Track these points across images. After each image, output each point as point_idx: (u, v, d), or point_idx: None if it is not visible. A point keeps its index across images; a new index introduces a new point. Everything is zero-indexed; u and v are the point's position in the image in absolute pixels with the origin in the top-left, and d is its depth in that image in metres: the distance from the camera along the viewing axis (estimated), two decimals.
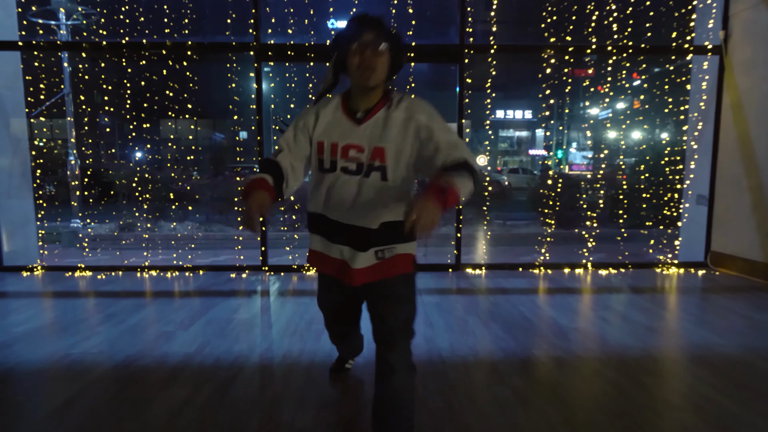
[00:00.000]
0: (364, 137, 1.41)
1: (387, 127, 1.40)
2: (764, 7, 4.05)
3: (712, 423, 1.85)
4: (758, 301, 3.56)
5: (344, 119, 1.44)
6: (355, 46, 1.34)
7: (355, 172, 1.42)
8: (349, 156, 1.41)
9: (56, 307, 3.45)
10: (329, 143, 1.43)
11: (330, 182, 1.45)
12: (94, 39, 4.36)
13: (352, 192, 1.43)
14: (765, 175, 4.08)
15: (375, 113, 1.41)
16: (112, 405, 2.00)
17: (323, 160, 1.45)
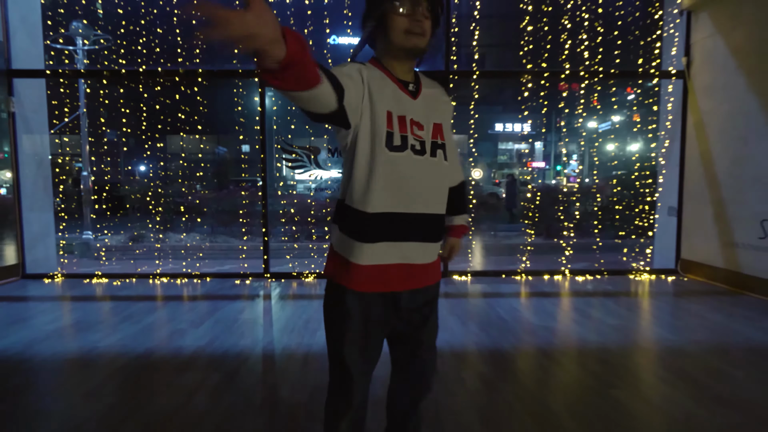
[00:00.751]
0: (421, 112, 1.19)
1: (439, 103, 1.25)
2: (720, 37, 4.48)
3: (647, 400, 2.20)
4: (715, 303, 3.91)
5: (397, 89, 1.17)
6: (405, 7, 1.12)
7: (421, 151, 1.17)
8: (414, 133, 1.17)
9: (78, 309, 3.82)
10: (396, 116, 1.14)
11: (399, 164, 1.13)
12: (113, 67, 4.80)
13: (422, 175, 1.17)
14: (725, 189, 4.46)
15: (422, 88, 1.23)
16: (136, 387, 2.36)
17: (393, 136, 1.13)
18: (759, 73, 4.06)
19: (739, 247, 4.29)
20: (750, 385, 2.36)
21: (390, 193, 1.13)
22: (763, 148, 4.01)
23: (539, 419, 2.01)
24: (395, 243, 1.16)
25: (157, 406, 2.14)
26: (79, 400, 2.21)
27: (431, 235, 1.22)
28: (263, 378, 2.46)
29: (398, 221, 1.15)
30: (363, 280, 1.16)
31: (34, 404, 2.18)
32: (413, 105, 1.18)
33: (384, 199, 1.13)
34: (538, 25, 4.85)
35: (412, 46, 1.15)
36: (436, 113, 1.22)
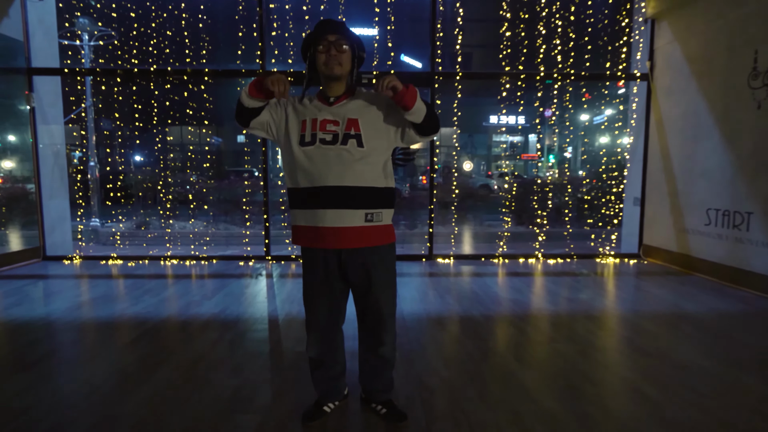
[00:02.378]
0: (337, 112, 1.68)
1: (358, 105, 1.70)
2: (677, 44, 4.97)
3: (582, 352, 2.73)
4: (664, 282, 4.45)
5: (319, 103, 1.72)
6: (322, 45, 1.65)
7: (332, 141, 1.64)
8: (326, 129, 1.65)
9: (101, 285, 4.29)
10: (310, 119, 1.67)
11: (310, 154, 1.65)
12: (126, 66, 5.21)
13: (333, 158, 1.63)
14: (679, 181, 4.99)
15: (344, 99, 1.72)
16: (166, 342, 2.85)
17: (305, 135, 1.66)
18: (707, 78, 4.56)
19: (689, 233, 4.83)
20: (668, 340, 2.90)
21: (303, 174, 1.67)
22: (708, 146, 4.53)
23: (493, 365, 2.53)
24: (310, 210, 1.69)
25: (186, 353, 2.64)
26: (121, 350, 2.70)
27: (346, 203, 1.65)
28: (270, 335, 2.97)
29: (309, 194, 1.67)
30: (296, 236, 1.77)
31: (83, 354, 2.67)
32: (329, 110, 1.69)
33: (299, 178, 1.68)
34: (516, 30, 5.30)
35: (330, 72, 1.68)
36: (353, 113, 1.68)
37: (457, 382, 2.29)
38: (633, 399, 2.14)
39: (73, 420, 1.95)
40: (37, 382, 2.29)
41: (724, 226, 4.35)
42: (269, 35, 5.09)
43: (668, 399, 2.14)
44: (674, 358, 2.61)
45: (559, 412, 2.01)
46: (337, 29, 1.66)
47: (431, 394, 2.17)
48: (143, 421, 1.94)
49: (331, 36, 1.65)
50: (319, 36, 1.66)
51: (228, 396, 2.15)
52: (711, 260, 4.51)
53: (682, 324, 3.21)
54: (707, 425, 1.91)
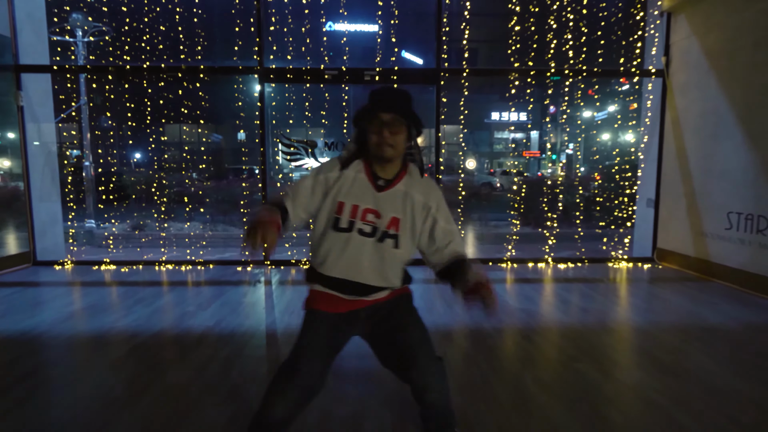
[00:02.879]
0: (383, 205, 1.51)
1: (406, 203, 1.53)
2: (695, 39, 4.74)
3: (605, 372, 2.52)
4: (682, 289, 4.24)
5: (366, 183, 1.52)
6: (374, 125, 1.46)
7: (370, 234, 1.50)
8: (366, 219, 1.50)
9: (92, 293, 4.09)
10: (350, 205, 1.50)
11: (343, 241, 1.50)
12: (118, 63, 4.99)
13: (365, 253, 1.50)
14: (697, 182, 4.77)
15: (395, 184, 1.53)
16: (155, 360, 2.65)
17: (340, 220, 1.50)
18: (728, 74, 4.33)
19: (708, 237, 4.61)
20: (695, 357, 2.69)
21: (330, 259, 1.52)
22: (729, 146, 4.30)
23: (510, 388, 2.33)
24: (332, 292, 1.56)
25: (178, 374, 2.44)
26: (106, 371, 2.50)
27: (368, 292, 1.55)
28: (268, 352, 2.76)
29: (333, 281, 1.54)
30: (313, 300, 1.58)
31: (66, 375, 2.47)
32: (375, 197, 1.52)
33: (325, 263, 1.53)
34: (525, 25, 5.07)
35: (381, 155, 1.48)
36: (400, 210, 1.53)
37: (471, 412, 2.09)
38: (668, 431, 1.94)
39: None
40: (13, 408, 2.09)
41: (747, 230, 4.13)
42: (267, 30, 4.87)
43: (706, 431, 1.93)
44: (705, 379, 2.40)
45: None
46: (393, 106, 1.47)
47: None
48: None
49: (385, 115, 1.46)
50: (373, 113, 1.48)
51: (223, 424, 1.95)
52: (732, 266, 4.30)
53: (706, 337, 3.01)
54: None
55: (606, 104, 19.45)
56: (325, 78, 4.97)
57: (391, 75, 5.02)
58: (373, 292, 1.55)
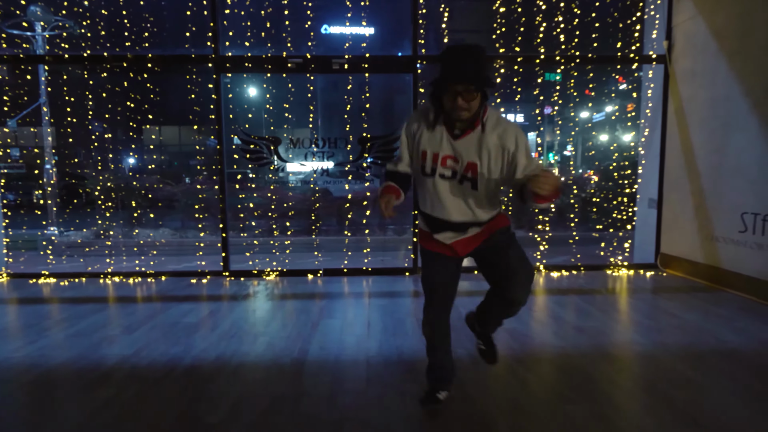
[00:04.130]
0: (460, 151, 1.72)
1: (481, 147, 1.70)
2: (701, 19, 4.23)
3: (604, 417, 1.98)
4: (692, 301, 3.70)
5: (444, 133, 1.74)
6: (450, 93, 1.61)
7: (450, 177, 1.77)
8: (447, 165, 1.75)
9: (11, 312, 3.55)
10: (431, 153, 1.76)
11: (430, 184, 1.80)
12: (57, 52, 4.47)
13: (448, 193, 1.78)
14: (705, 179, 4.24)
15: (469, 133, 1.71)
16: (41, 404, 2.10)
17: (425, 166, 1.78)
18: (741, 56, 3.81)
19: (718, 242, 4.08)
20: (712, 394, 2.15)
21: (425, 200, 1.87)
22: (743, 138, 3.78)
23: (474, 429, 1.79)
24: (429, 227, 1.89)
25: (56, 426, 1.89)
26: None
27: (456, 230, 1.84)
28: (183, 391, 2.21)
29: (428, 218, 1.88)
30: (420, 237, 1.96)
31: None
32: (452, 145, 1.73)
33: (423, 202, 1.89)
34: (512, 7, 4.56)
35: (458, 118, 1.67)
36: (476, 155, 1.71)
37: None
38: None
39: None
40: None
41: (765, 233, 3.60)
42: (222, 14, 4.35)
43: None
44: (731, 427, 1.86)
45: None
46: (467, 76, 1.59)
47: None
48: None
49: (461, 86, 1.59)
50: (449, 83, 1.60)
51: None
52: (747, 274, 3.76)
53: (725, 364, 2.47)
54: None
55: (603, 105, 18.96)
56: (288, 67, 4.45)
57: (363, 63, 4.49)
58: (464, 228, 1.83)
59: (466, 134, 1.71)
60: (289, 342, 2.84)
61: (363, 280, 4.48)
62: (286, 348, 2.74)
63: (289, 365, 2.50)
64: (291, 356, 2.61)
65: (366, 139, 4.65)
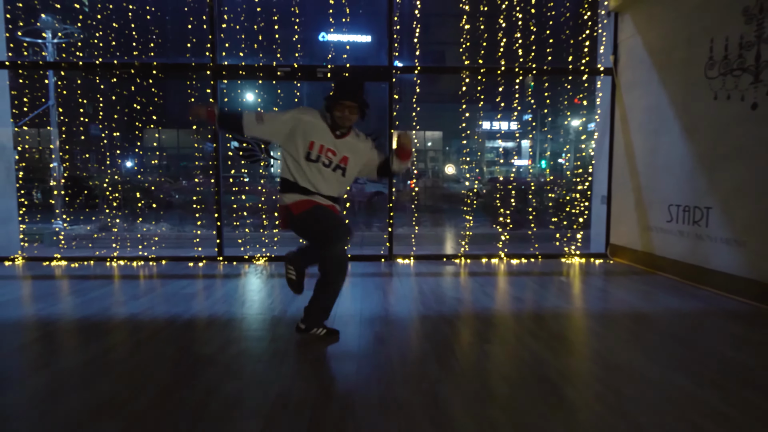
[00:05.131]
0: (339, 147, 2.50)
1: (356, 149, 2.56)
2: (639, 37, 4.84)
3: (512, 353, 2.52)
4: (624, 281, 4.27)
5: (329, 133, 2.48)
6: (338, 106, 2.42)
7: (328, 165, 2.48)
8: (328, 156, 2.48)
9: (32, 285, 4.07)
10: (319, 144, 2.46)
11: (314, 167, 2.46)
12: (72, 59, 5.02)
13: (325, 176, 2.49)
14: (643, 177, 4.82)
15: (347, 136, 2.53)
16: (64, 344, 2.63)
17: (311, 154, 2.45)
18: (667, 70, 4.42)
19: (652, 231, 4.65)
20: (605, 340, 2.70)
21: (306, 178, 2.47)
22: (669, 140, 4.37)
23: (416, 366, 2.33)
24: (307, 195, 2.50)
25: (80, 355, 2.42)
26: (12, 351, 2.48)
27: (330, 200, 2.55)
28: (182, 335, 2.74)
29: (311, 191, 2.49)
30: (301, 204, 2.49)
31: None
32: (334, 142, 2.48)
33: (305, 179, 2.48)
34: (476, 24, 5.16)
35: (342, 125, 2.47)
36: (348, 152, 2.52)
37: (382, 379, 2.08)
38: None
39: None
40: None
41: (685, 222, 4.18)
42: (220, 28, 4.92)
43: (583, 398, 1.94)
44: (606, 357, 2.41)
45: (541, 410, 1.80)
46: (354, 97, 2.41)
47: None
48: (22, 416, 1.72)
49: (349, 103, 2.41)
50: (339, 100, 2.41)
51: (104, 401, 1.93)
52: (673, 258, 4.34)
53: (626, 322, 3.03)
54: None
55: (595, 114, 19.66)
56: (278, 75, 5.02)
57: (343, 72, 5.07)
58: (333, 201, 2.57)
59: (344, 137, 2.50)
60: (272, 306, 3.38)
61: None
62: (268, 309, 3.29)
63: (269, 319, 3.04)
64: (272, 314, 3.16)
65: None
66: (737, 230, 3.64)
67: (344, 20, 5.15)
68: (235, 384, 2.08)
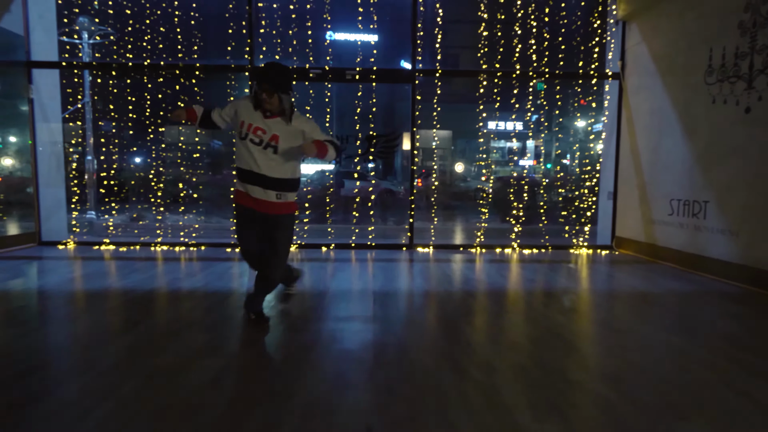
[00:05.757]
0: (269, 126, 2.54)
1: (286, 128, 2.54)
2: (645, 44, 5.23)
3: (532, 319, 2.95)
4: (628, 268, 4.68)
5: (258, 113, 2.55)
6: (260, 90, 2.49)
7: (258, 143, 2.54)
8: (257, 134, 2.54)
9: (93, 265, 4.52)
10: (247, 123, 2.54)
11: (244, 146, 2.56)
12: (121, 60, 5.48)
13: (255, 154, 2.54)
14: (647, 174, 5.22)
15: (275, 118, 2.55)
16: (148, 307, 3.08)
17: (242, 132, 2.55)
18: (670, 76, 4.81)
19: (655, 223, 5.05)
20: (606, 311, 3.12)
21: (242, 159, 2.59)
22: (671, 140, 4.77)
23: (440, 327, 2.76)
24: (246, 184, 2.59)
25: (166, 315, 2.87)
26: (107, 311, 2.93)
27: (266, 185, 2.57)
28: (238, 303, 3.19)
29: (243, 172, 2.60)
30: (235, 195, 2.67)
31: (72, 315, 2.90)
32: (263, 122, 2.54)
33: (239, 160, 2.61)
34: (493, 31, 5.57)
35: (264, 107, 2.53)
36: (278, 131, 2.53)
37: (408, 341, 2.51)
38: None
39: (54, 359, 2.18)
40: (30, 332, 2.51)
41: (685, 215, 4.58)
42: (258, 32, 5.36)
43: (602, 353, 2.36)
44: (609, 321, 2.83)
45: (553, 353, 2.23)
46: (271, 82, 2.46)
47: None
48: (121, 362, 2.16)
49: (265, 85, 2.46)
50: (259, 81, 2.48)
51: (199, 345, 2.37)
52: (674, 248, 4.74)
53: (625, 297, 3.44)
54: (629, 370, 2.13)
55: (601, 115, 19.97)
56: (310, 76, 5.45)
57: (370, 75, 5.50)
58: (270, 185, 2.56)
59: (274, 117, 2.54)
60: (311, 283, 3.82)
61: (367, 252, 5.46)
62: (308, 285, 3.73)
63: (308, 292, 3.48)
64: (307, 288, 3.59)
65: (372, 137, 5.66)
66: (731, 221, 4.04)
67: (372, 26, 5.55)
68: (300, 336, 2.53)
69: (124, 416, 1.68)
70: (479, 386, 1.94)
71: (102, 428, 1.60)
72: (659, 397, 1.86)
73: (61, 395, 1.82)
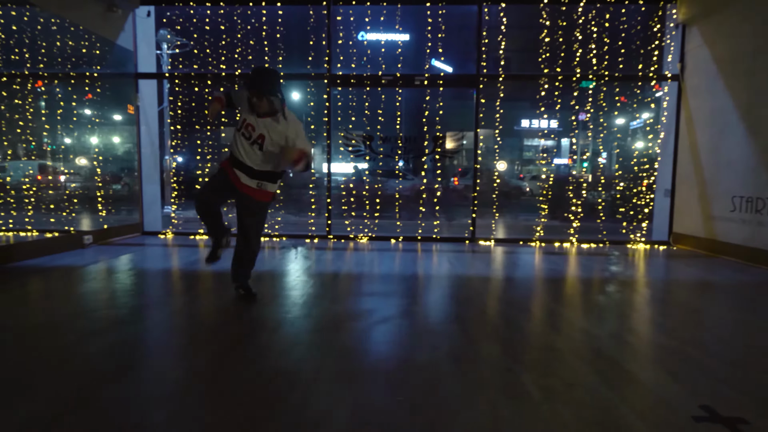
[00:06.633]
0: (258, 125, 2.88)
1: (273, 128, 2.86)
2: (706, 47, 5.43)
3: (597, 292, 3.32)
4: (689, 261, 4.93)
5: (252, 113, 2.91)
6: (251, 94, 2.84)
7: (248, 138, 2.91)
8: (248, 129, 2.91)
9: (198, 252, 5.18)
10: (242, 119, 2.93)
11: (237, 136, 2.94)
12: (201, 70, 6.15)
13: (244, 147, 2.91)
14: (707, 173, 5.42)
15: (267, 117, 2.88)
16: (220, 281, 3.65)
17: (238, 123, 2.95)
18: (733, 78, 5.01)
19: (715, 220, 5.26)
20: (685, 296, 3.44)
21: (234, 146, 2.97)
22: (733, 139, 4.97)
23: (523, 300, 3.17)
24: (234, 168, 2.96)
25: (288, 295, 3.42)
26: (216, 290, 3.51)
27: (251, 174, 2.94)
28: (335, 284, 3.70)
29: (235, 160, 2.96)
30: (225, 163, 3.03)
31: (195, 298, 3.49)
32: (255, 120, 2.89)
33: (233, 147, 2.98)
34: (554, 36, 5.90)
35: (255, 110, 2.89)
36: (265, 130, 2.86)
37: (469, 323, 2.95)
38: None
39: (157, 323, 2.75)
40: (146, 308, 3.10)
41: (748, 211, 4.78)
42: (335, 43, 5.90)
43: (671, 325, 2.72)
44: (675, 298, 3.16)
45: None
46: (260, 89, 2.78)
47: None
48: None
49: (253, 91, 2.80)
50: (249, 88, 2.83)
51: (337, 314, 2.88)
52: (735, 243, 4.94)
53: (696, 287, 3.74)
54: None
55: (640, 112, 19.66)
56: (382, 83, 5.95)
57: (438, 80, 5.94)
58: (254, 175, 2.93)
59: (265, 117, 2.86)
60: (381, 268, 4.30)
61: (432, 244, 5.90)
62: (380, 269, 4.21)
63: (377, 275, 3.96)
64: (389, 272, 4.07)
65: (438, 137, 6.10)
66: None
67: (439, 35, 5.98)
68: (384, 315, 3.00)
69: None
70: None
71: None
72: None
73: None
